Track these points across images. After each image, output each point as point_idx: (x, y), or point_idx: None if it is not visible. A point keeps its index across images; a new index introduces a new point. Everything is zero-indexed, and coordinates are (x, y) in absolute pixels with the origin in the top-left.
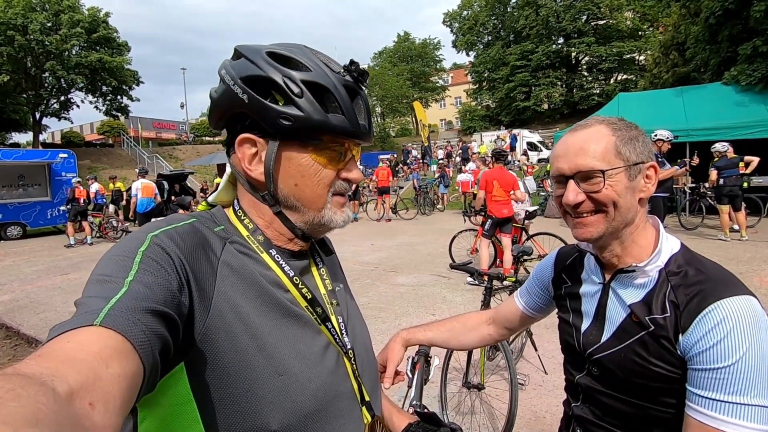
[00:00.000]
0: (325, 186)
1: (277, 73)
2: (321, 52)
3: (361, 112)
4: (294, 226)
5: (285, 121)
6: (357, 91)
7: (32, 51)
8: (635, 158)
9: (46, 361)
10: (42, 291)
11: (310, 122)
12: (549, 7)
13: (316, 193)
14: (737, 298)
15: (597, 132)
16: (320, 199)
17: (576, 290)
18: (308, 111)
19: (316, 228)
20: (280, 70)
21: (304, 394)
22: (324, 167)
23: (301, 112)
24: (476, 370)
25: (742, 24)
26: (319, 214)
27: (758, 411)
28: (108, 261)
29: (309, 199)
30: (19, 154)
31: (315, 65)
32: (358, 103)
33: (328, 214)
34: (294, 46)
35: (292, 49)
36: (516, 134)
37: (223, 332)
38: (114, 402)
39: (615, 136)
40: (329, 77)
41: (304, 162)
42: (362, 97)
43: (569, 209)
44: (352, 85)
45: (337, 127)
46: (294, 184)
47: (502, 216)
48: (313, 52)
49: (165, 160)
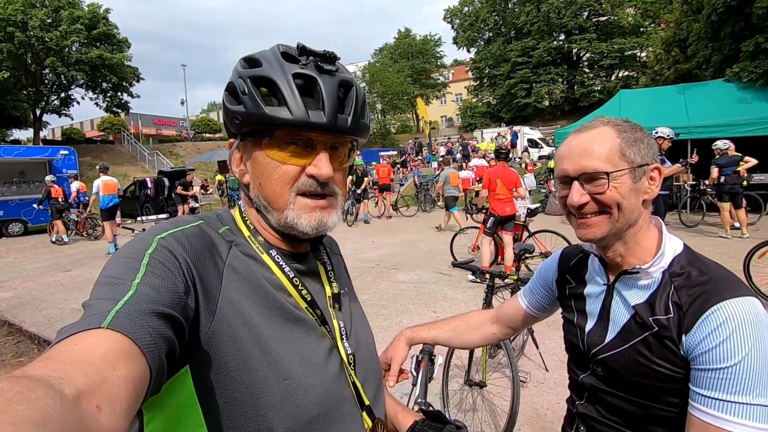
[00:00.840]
0: (284, 184)
1: (236, 76)
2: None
3: (320, 99)
4: (272, 226)
5: (235, 120)
6: (314, 78)
7: (32, 47)
8: (640, 160)
9: (54, 364)
10: (44, 288)
11: (249, 117)
12: (550, 3)
13: (275, 191)
14: (740, 299)
15: (602, 134)
16: (280, 198)
17: (580, 291)
18: (248, 106)
19: (287, 229)
20: (239, 72)
21: (307, 398)
22: (282, 163)
23: (244, 108)
24: (478, 367)
25: (745, 21)
26: (282, 215)
27: (761, 410)
28: (116, 263)
29: (270, 197)
30: (20, 151)
31: (268, 60)
32: (316, 89)
33: (291, 216)
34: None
35: (267, 50)
36: (517, 131)
37: (227, 336)
38: (121, 404)
39: (620, 138)
40: (278, 69)
41: (261, 160)
42: (323, 83)
43: (573, 210)
44: (307, 72)
45: (276, 118)
46: (258, 183)
47: (504, 214)
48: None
49: (165, 156)
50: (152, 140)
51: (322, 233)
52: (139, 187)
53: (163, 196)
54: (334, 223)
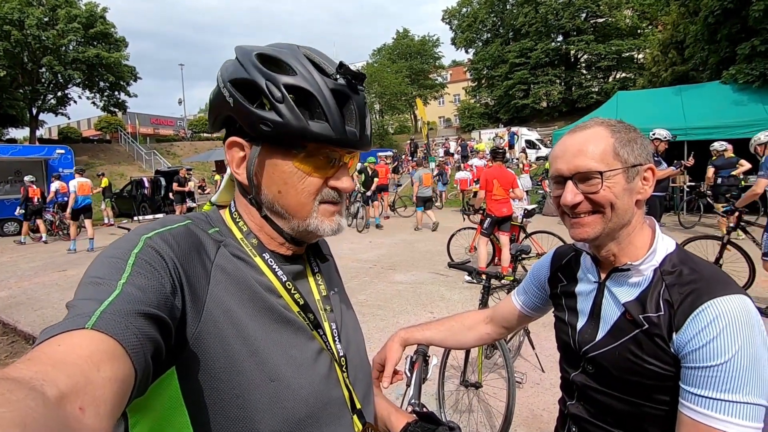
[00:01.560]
0: (309, 195)
1: (260, 77)
2: (319, 51)
3: (353, 117)
4: (282, 231)
5: (265, 126)
6: (348, 96)
7: (29, 46)
8: (633, 160)
9: (36, 365)
10: (39, 287)
11: (289, 128)
12: (548, 5)
13: (300, 201)
14: (730, 297)
15: (596, 133)
16: (305, 208)
17: (572, 289)
18: (287, 117)
19: (303, 234)
20: (264, 73)
21: (295, 400)
22: (309, 175)
23: (280, 117)
24: (474, 368)
25: (741, 23)
26: (304, 222)
27: (749, 408)
28: (101, 263)
29: (292, 206)
30: (16, 149)
31: (302, 68)
32: (349, 108)
33: (314, 223)
34: (287, 46)
35: (283, 50)
36: (515, 132)
37: (215, 336)
38: (105, 406)
39: (613, 138)
40: (315, 81)
41: (287, 169)
42: (355, 102)
43: (567, 209)
44: (343, 89)
45: (320, 135)
46: (277, 190)
47: (501, 215)
48: (306, 53)
49: (163, 156)
50: (149, 140)
51: (338, 234)
52: (136, 186)
53: (160, 195)
54: (346, 223)
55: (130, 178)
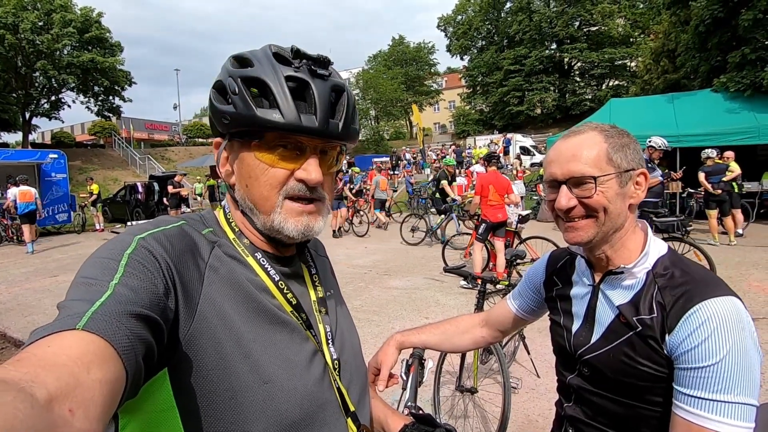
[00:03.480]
0: (272, 187)
1: (226, 75)
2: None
3: (312, 103)
4: (258, 229)
5: (224, 119)
6: (306, 82)
7: (23, 50)
8: (626, 165)
9: (25, 366)
10: (30, 293)
11: (239, 118)
12: (542, 13)
13: (263, 194)
14: (721, 299)
15: (589, 138)
16: (267, 202)
17: (567, 292)
18: (239, 107)
19: (273, 233)
20: (229, 71)
21: (289, 402)
22: (271, 166)
23: (234, 108)
24: (469, 373)
25: (731, 32)
26: (269, 218)
27: (741, 408)
28: (93, 263)
29: (257, 200)
30: (9, 154)
31: (260, 60)
32: (309, 94)
33: (277, 219)
34: (265, 46)
35: (257, 49)
36: (509, 138)
37: (208, 338)
38: (95, 408)
39: (607, 143)
40: (268, 70)
41: (250, 161)
42: (317, 87)
43: (561, 214)
44: (300, 76)
45: (268, 121)
46: (245, 184)
47: (496, 220)
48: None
49: (157, 161)
50: (144, 144)
51: (308, 238)
52: (130, 191)
53: (154, 200)
54: (321, 227)
55: (124, 183)
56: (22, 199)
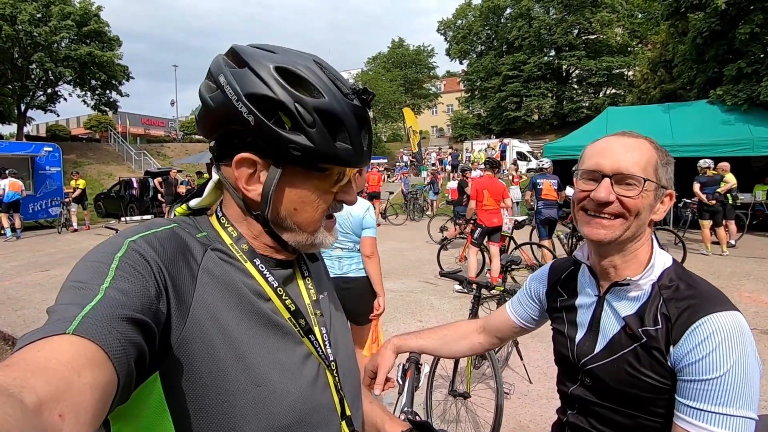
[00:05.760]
0: (323, 211)
1: (288, 98)
2: (329, 65)
3: (365, 137)
4: (285, 243)
5: (294, 150)
6: (365, 117)
7: (20, 42)
8: (665, 182)
9: (15, 372)
10: (21, 287)
11: (318, 154)
12: (541, 20)
13: (314, 218)
14: (726, 314)
15: (642, 144)
16: (316, 224)
17: (572, 302)
18: (318, 143)
19: (305, 247)
20: (292, 93)
21: (281, 405)
22: (324, 193)
23: (312, 143)
24: (462, 378)
25: (728, 45)
26: (311, 237)
27: (742, 422)
28: (83, 267)
29: (305, 223)
30: (2, 146)
31: (327, 89)
32: (363, 129)
33: (320, 237)
34: (303, 60)
35: (302, 66)
36: (506, 143)
37: (200, 341)
38: (85, 414)
39: (657, 155)
40: (342, 105)
41: (307, 188)
42: (368, 122)
43: (592, 206)
44: (361, 113)
45: (347, 160)
46: (293, 208)
47: (491, 225)
48: (323, 69)
49: (153, 157)
50: (140, 140)
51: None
52: (125, 187)
53: (149, 196)
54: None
55: (119, 178)
56: (11, 188)
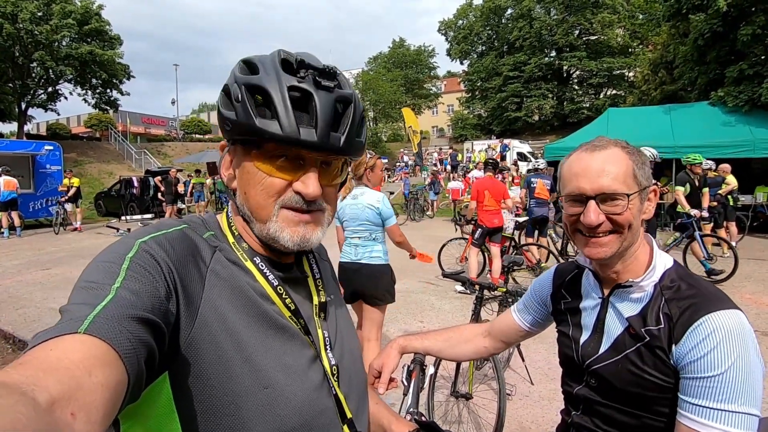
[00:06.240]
0: (268, 196)
1: (232, 80)
2: (309, 54)
3: (314, 116)
4: (257, 235)
5: (226, 125)
6: (309, 93)
7: (21, 40)
8: (645, 182)
9: (28, 370)
10: (22, 286)
11: (240, 126)
12: (542, 21)
13: (259, 202)
14: (726, 312)
15: (615, 154)
16: (264, 210)
17: (576, 305)
18: (240, 115)
19: (269, 241)
20: (236, 76)
21: (288, 408)
22: (269, 175)
23: (236, 116)
24: (465, 379)
25: (730, 46)
26: (264, 227)
27: (743, 418)
28: (95, 267)
29: (254, 208)
30: (3, 144)
31: (266, 68)
32: (311, 107)
33: (273, 228)
34: (275, 51)
35: (265, 54)
36: (507, 144)
37: (208, 342)
38: (96, 412)
39: (631, 161)
40: (272, 79)
41: (249, 169)
42: (320, 100)
43: (584, 229)
44: (304, 87)
45: (265, 131)
46: (244, 192)
47: (492, 225)
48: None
49: (153, 156)
50: (140, 139)
51: (304, 249)
52: (125, 185)
53: (149, 195)
54: (319, 238)
55: (120, 177)
56: (6, 187)
